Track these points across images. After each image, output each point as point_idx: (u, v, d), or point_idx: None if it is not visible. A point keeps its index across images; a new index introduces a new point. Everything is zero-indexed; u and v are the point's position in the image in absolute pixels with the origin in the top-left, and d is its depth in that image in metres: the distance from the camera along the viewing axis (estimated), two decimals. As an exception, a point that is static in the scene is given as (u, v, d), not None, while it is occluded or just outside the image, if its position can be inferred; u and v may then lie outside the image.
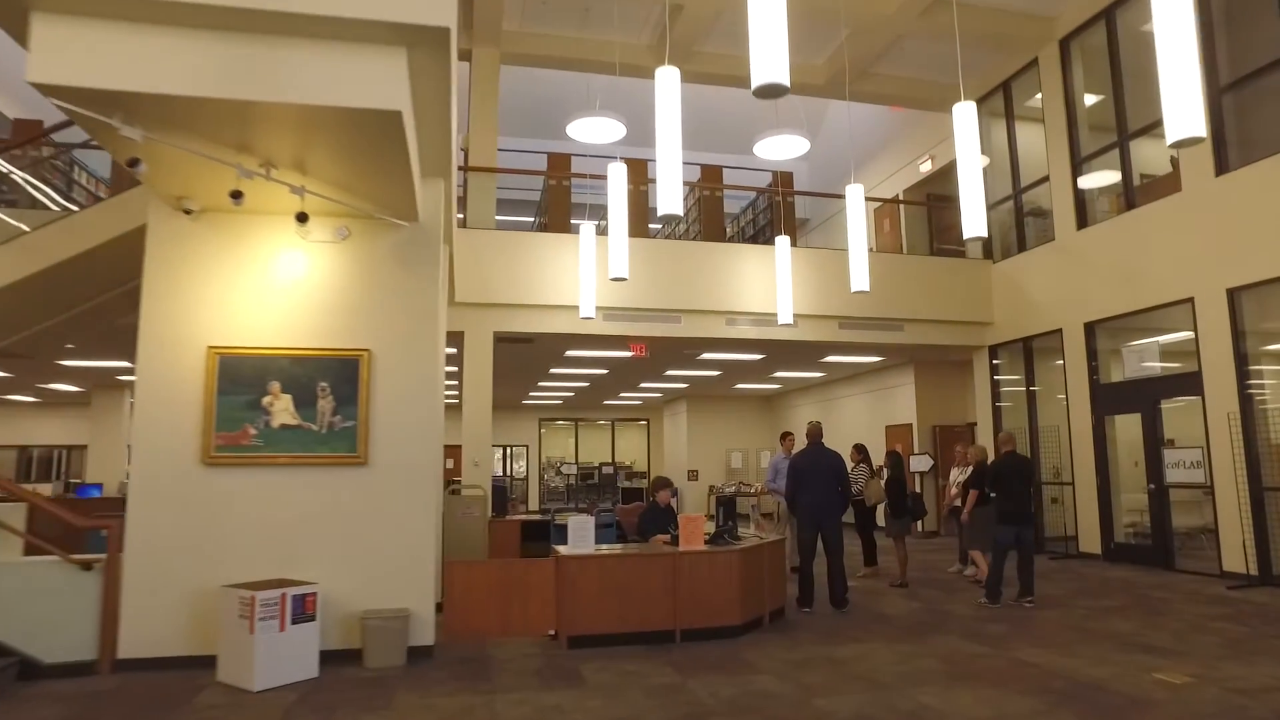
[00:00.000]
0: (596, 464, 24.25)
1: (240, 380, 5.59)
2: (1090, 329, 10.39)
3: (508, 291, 10.58)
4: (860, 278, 8.13)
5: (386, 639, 5.33)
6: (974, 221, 6.15)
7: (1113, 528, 9.99)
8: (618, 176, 7.38)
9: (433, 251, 6.11)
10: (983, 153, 11.41)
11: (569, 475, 23.67)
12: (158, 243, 5.76)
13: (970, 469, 8.79)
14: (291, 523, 5.59)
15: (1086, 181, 10.75)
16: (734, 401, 20.57)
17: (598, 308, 10.63)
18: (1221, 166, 8.62)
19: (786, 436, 9.46)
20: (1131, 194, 9.91)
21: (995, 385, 12.16)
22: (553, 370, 15.08)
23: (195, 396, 5.58)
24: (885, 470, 9.03)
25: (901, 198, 14.67)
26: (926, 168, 14.25)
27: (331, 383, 5.70)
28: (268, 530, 5.57)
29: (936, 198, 14.32)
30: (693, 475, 20.34)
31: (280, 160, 5.12)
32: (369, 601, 5.55)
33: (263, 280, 5.85)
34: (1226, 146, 8.64)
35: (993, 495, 7.41)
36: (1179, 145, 3.86)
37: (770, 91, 3.68)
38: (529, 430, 23.53)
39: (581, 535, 6.07)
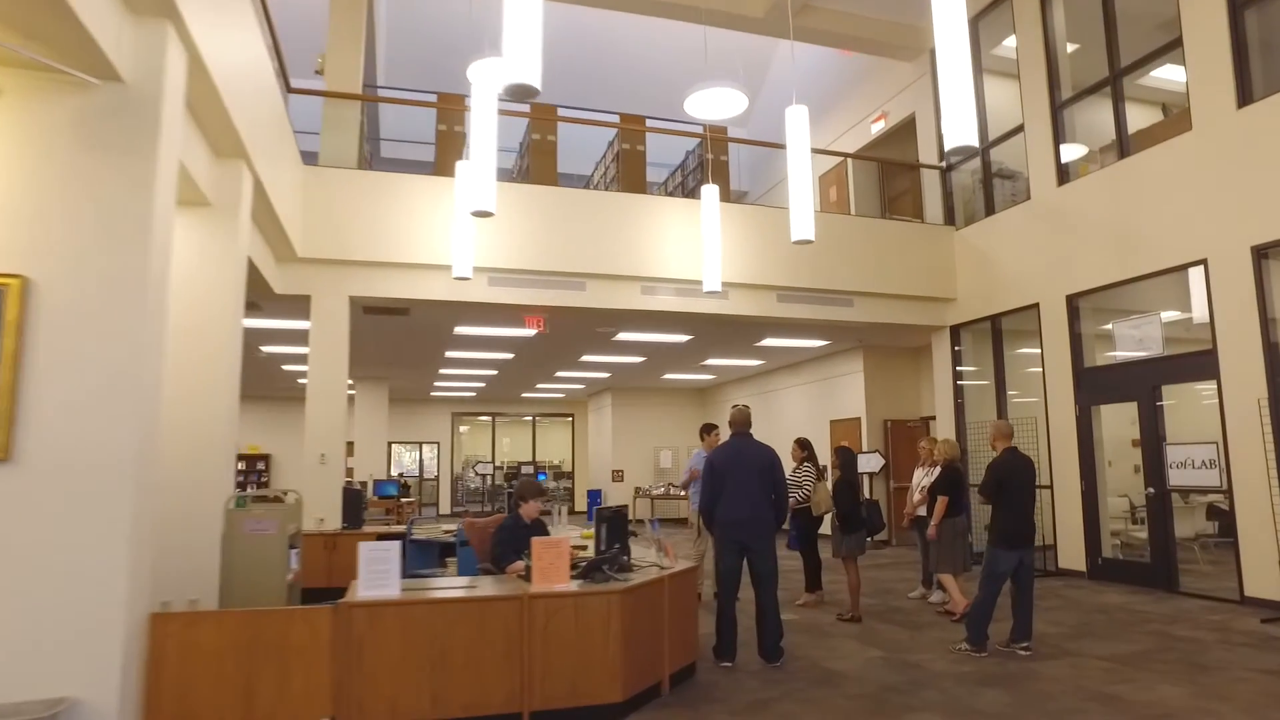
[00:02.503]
0: (517, 463, 22.07)
1: None
2: (1074, 303, 8.71)
3: (370, 247, 8.39)
4: (803, 224, 6.24)
5: (16, 754, 3.15)
6: (960, 126, 4.32)
7: (1100, 540, 8.31)
8: (483, 78, 5.39)
9: (147, 129, 3.91)
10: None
11: (485, 476, 21.42)
12: None
13: (938, 470, 6.97)
14: None
15: (1074, 121, 9.07)
16: (663, 394, 18.61)
17: (480, 269, 8.54)
18: (1244, 96, 6.97)
19: (710, 430, 7.50)
20: (1126, 140, 8.25)
21: (958, 372, 10.44)
22: (448, 354, 12.87)
23: None
24: (833, 470, 7.10)
25: (850, 160, 12.89)
26: (879, 127, 12.49)
27: (-50, 327, 3.47)
28: None
29: (891, 165, 12.60)
30: (618, 476, 18.33)
31: None
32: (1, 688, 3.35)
33: None
34: (1250, 72, 6.99)
35: (985, 505, 5.53)
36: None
37: None
38: (440, 425, 21.17)
39: (378, 571, 3.97)
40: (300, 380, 16.76)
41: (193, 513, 5.04)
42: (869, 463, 11.92)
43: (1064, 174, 8.95)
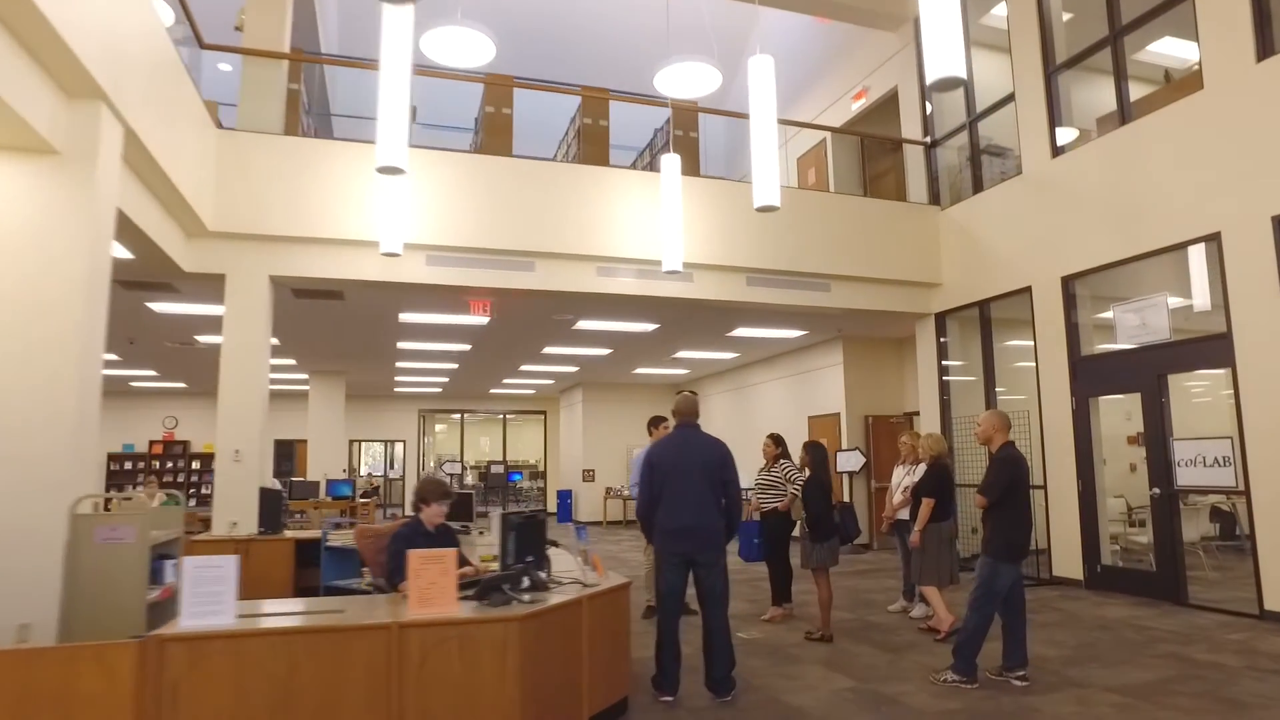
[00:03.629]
0: (486, 463, 21.20)
1: None
2: (1070, 286, 7.94)
3: (293, 220, 7.54)
4: (767, 188, 5.48)
5: None
6: (945, 55, 3.61)
7: (1098, 546, 7.53)
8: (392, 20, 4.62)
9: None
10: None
11: (453, 475, 20.51)
12: None
13: (921, 468, 6.18)
14: None
15: (1070, 96, 8.31)
16: (636, 390, 17.76)
17: (416, 246, 7.72)
18: (1265, 48, 6.21)
19: (659, 423, 6.69)
20: (1127, 105, 7.49)
21: (943, 365, 9.66)
22: (401, 345, 11.99)
23: None
24: (803, 469, 6.25)
25: (829, 138, 12.09)
26: (860, 105, 11.71)
27: None
28: None
29: (873, 140, 11.82)
30: (588, 475, 17.48)
31: None
32: None
33: None
34: (1271, 20, 6.24)
35: (980, 508, 4.70)
36: None
37: None
38: (407, 423, 20.23)
39: (206, 594, 3.12)
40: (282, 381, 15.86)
41: (27, 520, 4.17)
42: (848, 461, 11.13)
43: (1058, 145, 8.18)
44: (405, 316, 9.92)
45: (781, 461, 6.81)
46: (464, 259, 7.99)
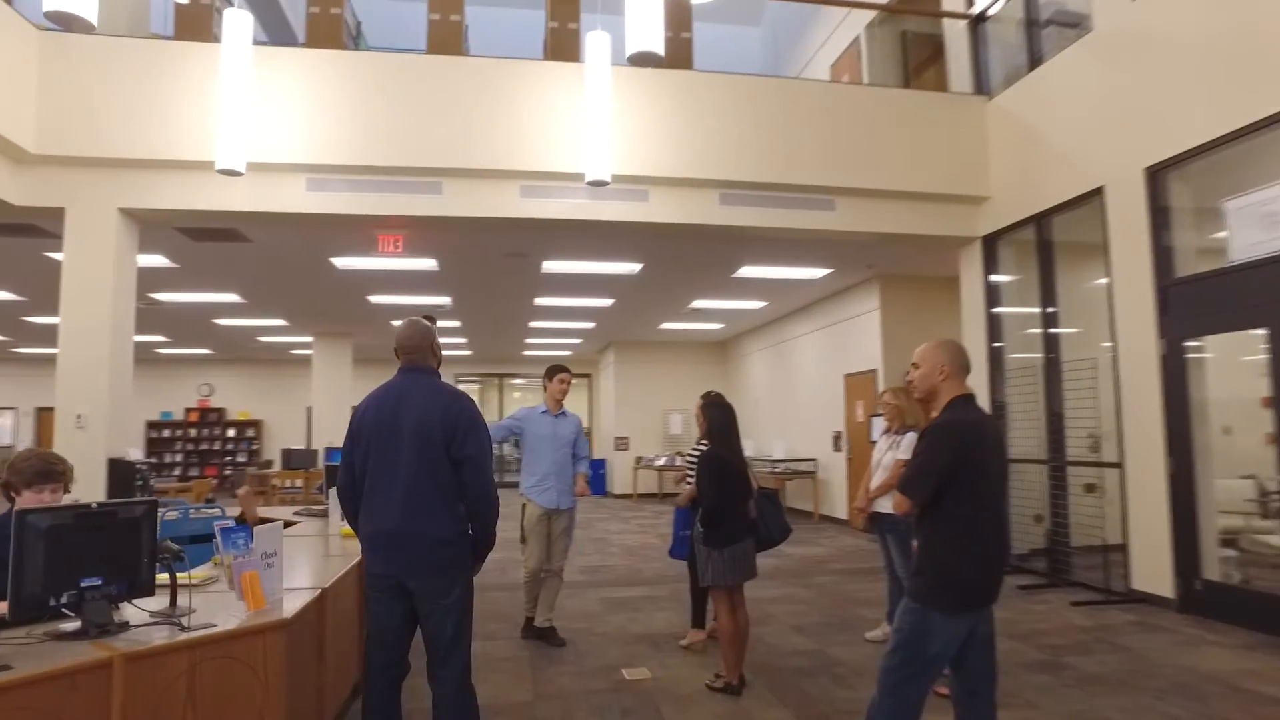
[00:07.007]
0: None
1: None
2: (1158, 179, 5.59)
3: (141, 141, 6.20)
4: (647, 30, 3.64)
5: None
6: None
7: (1198, 551, 5.27)
8: None
9: None
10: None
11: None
12: None
13: (909, 436, 4.25)
14: None
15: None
16: (671, 349, 15.93)
17: (295, 166, 6.32)
18: None
19: (556, 373, 4.98)
20: (1248, -99, 5.03)
21: (992, 299, 7.41)
22: (372, 299, 10.67)
23: None
24: (700, 436, 4.33)
25: (863, 37, 9.76)
26: (901, -15, 9.33)
27: None
28: None
29: (917, 36, 9.42)
30: (621, 443, 15.89)
31: None
32: None
33: None
34: None
35: (908, 515, 2.73)
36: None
37: None
38: (442, 390, 19.16)
39: None
40: (261, 339, 15.09)
41: None
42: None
43: (1148, -17, 5.76)
44: (340, 262, 8.54)
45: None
46: (352, 182, 6.46)
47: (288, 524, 5.12)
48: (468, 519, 2.69)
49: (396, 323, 11.39)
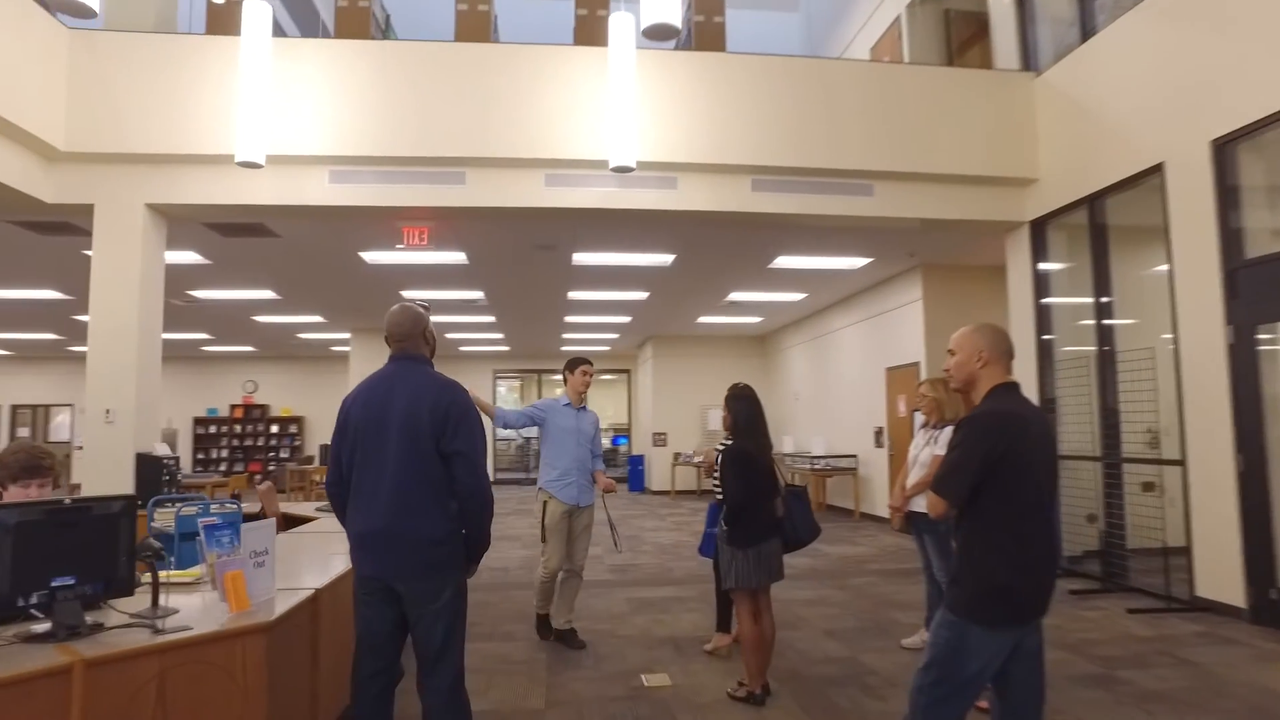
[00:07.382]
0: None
1: None
2: (1225, 153, 5.17)
3: (164, 136, 6.21)
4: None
5: None
6: None
7: (1273, 556, 4.86)
8: None
9: None
10: None
11: (510, 441, 19.38)
12: None
13: (947, 431, 3.97)
14: None
15: None
16: (710, 344, 15.65)
17: (316, 159, 6.27)
18: None
19: (576, 365, 4.81)
20: None
21: (1041, 288, 7.01)
22: (406, 294, 10.64)
23: None
24: (725, 431, 4.08)
25: (903, 16, 9.35)
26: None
27: None
28: None
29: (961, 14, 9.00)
30: (659, 439, 15.69)
31: None
32: None
33: None
34: None
35: (943, 517, 2.48)
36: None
37: None
38: (479, 384, 19.19)
39: None
40: (300, 335, 15.24)
41: None
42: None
43: (1212, -56, 5.33)
44: (369, 257, 8.49)
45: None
46: (374, 173, 6.37)
47: (309, 520, 5.06)
48: (451, 519, 2.51)
49: (437, 319, 11.23)
